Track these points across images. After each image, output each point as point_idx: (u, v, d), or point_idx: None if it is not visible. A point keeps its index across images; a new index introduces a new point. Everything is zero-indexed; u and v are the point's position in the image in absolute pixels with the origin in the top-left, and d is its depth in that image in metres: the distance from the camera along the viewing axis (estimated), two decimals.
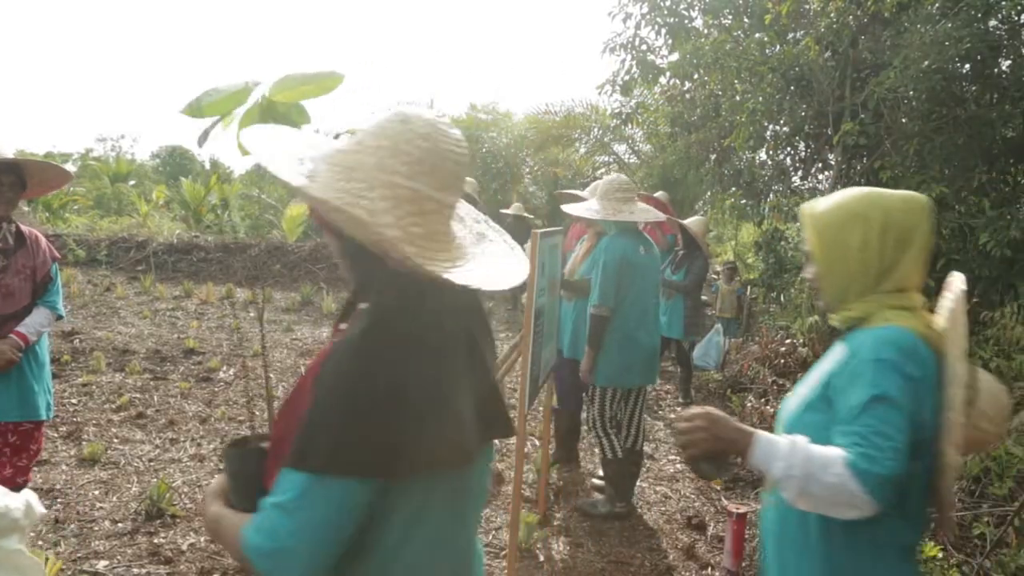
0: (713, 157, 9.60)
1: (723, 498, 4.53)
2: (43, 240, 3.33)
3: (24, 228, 3.27)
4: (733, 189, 9.25)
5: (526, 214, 10.45)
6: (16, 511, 1.90)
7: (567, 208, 4.18)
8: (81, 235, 13.62)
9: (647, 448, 5.21)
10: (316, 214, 1.23)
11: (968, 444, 1.52)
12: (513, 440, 5.18)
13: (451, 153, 1.22)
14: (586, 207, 4.07)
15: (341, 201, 1.13)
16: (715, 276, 9.71)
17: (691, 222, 6.66)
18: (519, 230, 10.02)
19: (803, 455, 1.38)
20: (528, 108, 15.71)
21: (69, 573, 3.21)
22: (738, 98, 7.51)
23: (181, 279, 11.50)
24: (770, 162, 8.54)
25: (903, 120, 6.22)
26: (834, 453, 1.37)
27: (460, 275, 1.15)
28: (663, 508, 4.35)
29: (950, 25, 5.59)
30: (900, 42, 6.06)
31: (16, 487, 3.24)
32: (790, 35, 7.35)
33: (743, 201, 9.34)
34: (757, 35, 7.50)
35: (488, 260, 1.27)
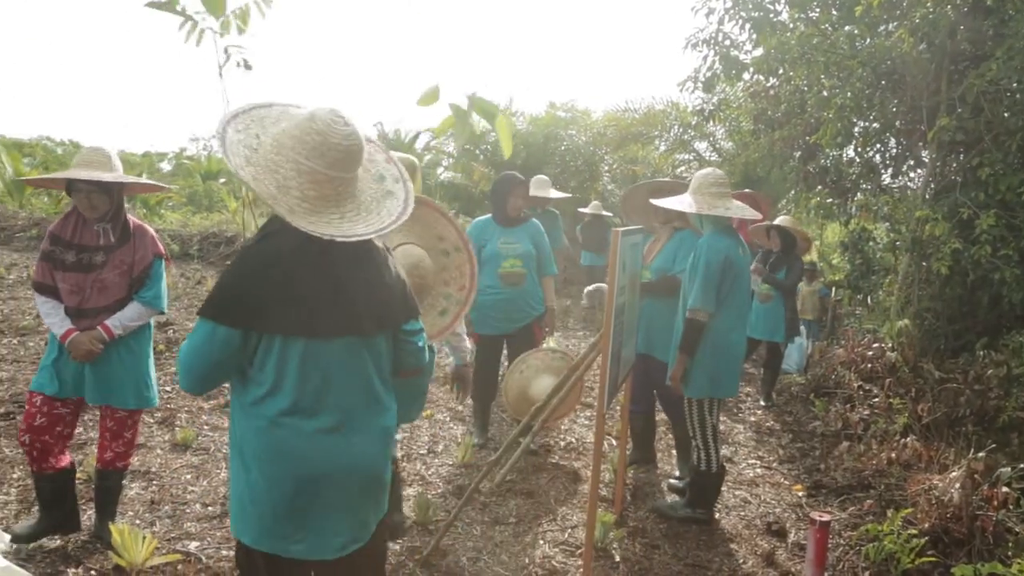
0: (798, 155, 9.31)
1: (805, 504, 4.41)
2: (150, 235, 3.41)
3: (134, 222, 3.38)
4: (819, 187, 8.96)
5: (604, 212, 10.37)
6: None
7: (657, 201, 4.06)
8: (175, 231, 14.23)
9: (726, 451, 5.12)
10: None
11: None
12: (590, 438, 5.18)
13: (337, 143, 1.76)
14: (678, 201, 3.89)
15: (252, 177, 1.74)
16: None
17: (784, 221, 6.51)
18: (597, 229, 9.96)
19: None
20: (607, 105, 15.60)
21: (164, 552, 3.36)
22: (825, 94, 7.27)
23: None
24: (858, 159, 8.24)
25: (1005, 114, 5.91)
26: None
27: (319, 227, 1.72)
28: (742, 513, 4.26)
29: None
30: (1004, 31, 5.76)
31: (117, 471, 3.43)
32: (882, 27, 7.07)
33: (829, 200, 9.03)
34: (846, 28, 7.24)
35: (368, 217, 1.82)
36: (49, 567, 3.21)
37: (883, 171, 8.01)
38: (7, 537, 2.34)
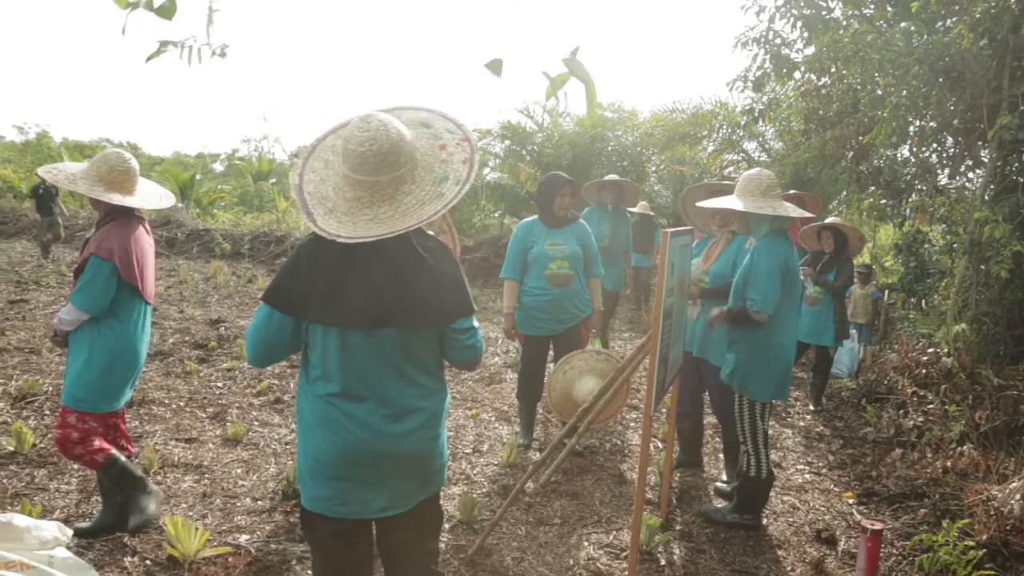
0: (850, 155, 9.12)
1: (856, 512, 4.32)
2: (105, 232, 3.37)
3: (110, 226, 3.39)
4: (872, 188, 8.77)
5: (651, 212, 10.30)
6: (53, 531, 2.40)
7: (706, 203, 4.00)
8: (227, 230, 14.54)
9: (774, 456, 5.04)
10: None
11: None
12: (636, 441, 5.15)
13: (355, 147, 1.90)
14: (727, 200, 3.81)
15: (301, 182, 2.01)
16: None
17: (835, 222, 6.38)
18: (645, 229, 9.90)
19: None
20: (654, 106, 15.50)
21: (215, 544, 3.43)
22: (879, 92, 7.10)
23: None
24: (914, 159, 8.04)
25: None
26: None
27: (325, 226, 1.89)
28: (790, 519, 4.19)
29: None
30: None
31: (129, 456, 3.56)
32: (939, 23, 6.88)
33: (882, 201, 8.82)
34: (902, 24, 7.05)
35: (401, 218, 1.89)
36: (107, 555, 3.31)
37: (940, 171, 7.79)
38: (69, 531, 2.42)
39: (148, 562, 3.28)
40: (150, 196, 3.48)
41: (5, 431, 4.63)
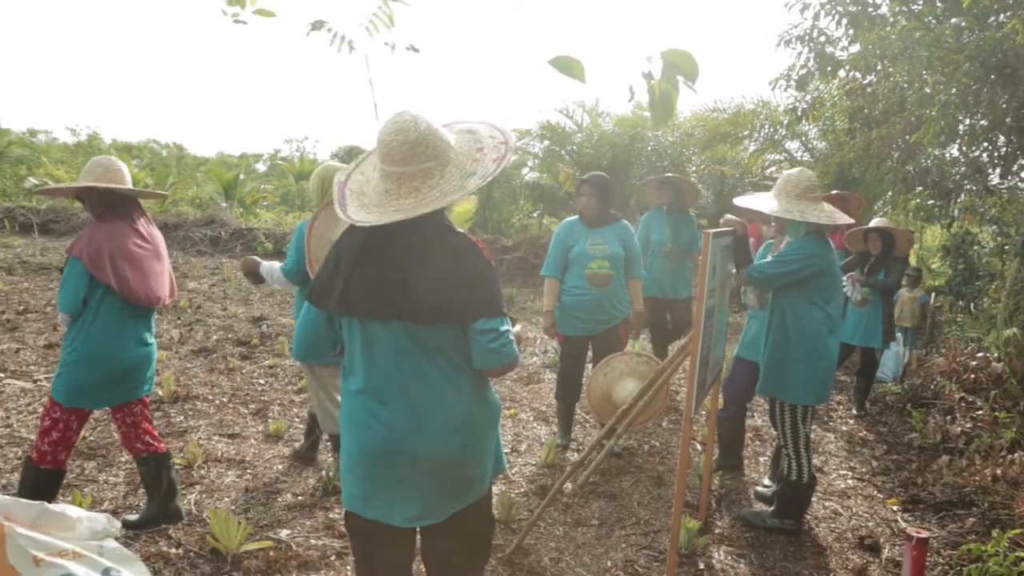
0: (896, 154, 8.93)
1: (900, 520, 4.23)
2: (84, 230, 3.40)
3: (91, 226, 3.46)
4: (919, 189, 8.57)
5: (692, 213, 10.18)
6: (103, 523, 2.47)
7: (739, 201, 3.94)
8: (269, 229, 14.76)
9: (816, 461, 4.96)
10: None
11: None
12: (675, 443, 5.11)
13: (383, 138, 1.98)
14: (760, 201, 3.76)
15: (347, 180, 2.08)
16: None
17: (880, 223, 6.24)
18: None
19: None
20: (695, 105, 15.32)
21: (257, 537, 3.49)
22: (928, 90, 6.94)
23: None
24: (963, 159, 7.84)
25: None
26: None
27: (354, 214, 1.96)
28: (832, 525, 4.12)
29: None
30: None
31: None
32: (992, 19, 6.70)
33: (930, 202, 8.63)
34: (953, 20, 6.88)
35: (423, 209, 1.91)
36: (152, 546, 3.39)
37: (990, 171, 7.58)
38: (118, 523, 2.48)
39: (192, 554, 3.35)
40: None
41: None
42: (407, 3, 2.97)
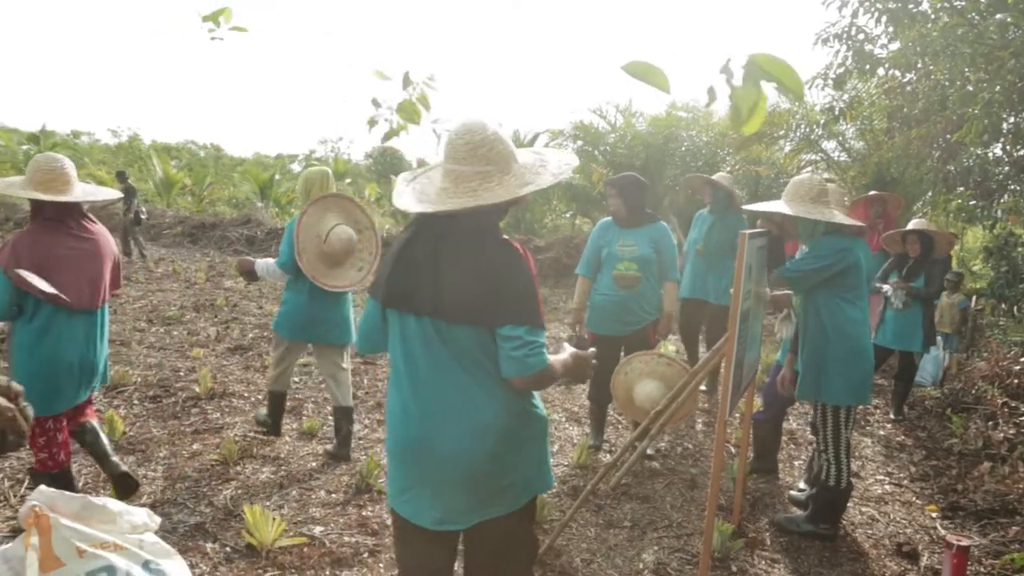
0: (937, 154, 8.77)
1: (940, 527, 4.15)
2: (11, 243, 3.38)
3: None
4: (960, 189, 8.42)
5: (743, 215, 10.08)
6: (143, 517, 2.51)
7: (754, 206, 3.92)
8: None
9: (853, 466, 4.89)
10: None
11: None
12: (708, 445, 5.07)
13: (454, 140, 2.05)
14: (773, 204, 3.73)
15: (414, 179, 2.17)
16: None
17: (919, 224, 6.12)
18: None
19: None
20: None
21: (291, 534, 3.53)
22: (970, 88, 6.80)
23: None
24: (1007, 158, 7.67)
25: None
26: None
27: (405, 205, 2.04)
28: (869, 531, 4.05)
29: None
30: None
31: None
32: None
33: (972, 202, 8.46)
34: (997, 16, 6.73)
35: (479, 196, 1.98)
36: (189, 541, 3.44)
37: None
38: (158, 519, 2.53)
39: (228, 549, 3.40)
40: (82, 193, 3.44)
41: (97, 419, 4.85)
42: (431, 86, 3.02)
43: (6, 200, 16.03)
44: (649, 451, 4.78)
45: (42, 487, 2.31)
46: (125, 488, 3.71)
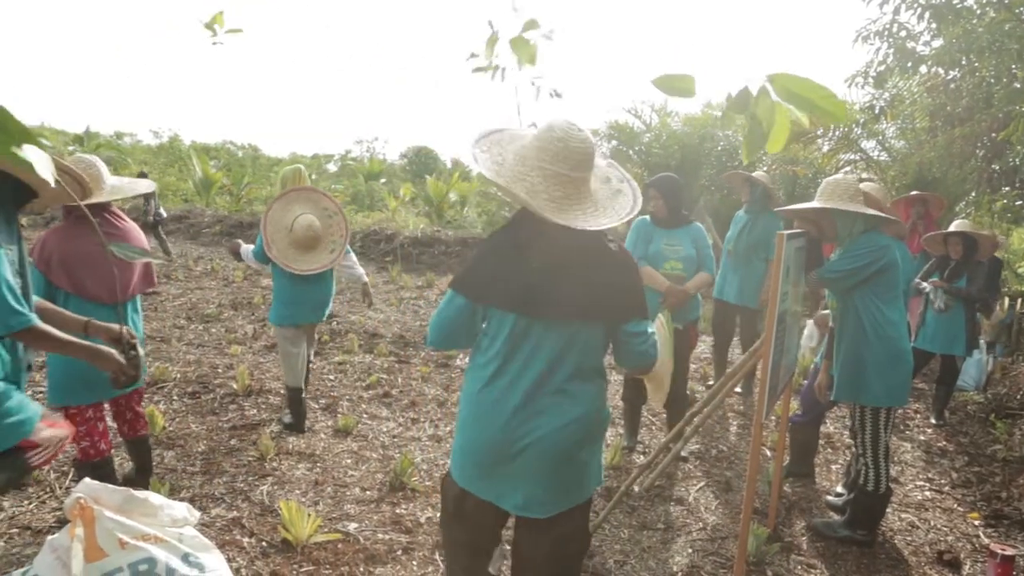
0: (981, 153, 8.58)
1: (983, 535, 4.05)
2: (42, 240, 3.49)
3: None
4: (1005, 189, 8.23)
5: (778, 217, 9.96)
6: (183, 511, 2.55)
7: (787, 208, 3.87)
8: None
9: (892, 471, 4.80)
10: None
11: None
12: (743, 448, 5.01)
13: (577, 147, 2.04)
14: (809, 204, 3.68)
15: (506, 182, 2.03)
16: None
17: (961, 226, 5.97)
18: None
19: None
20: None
21: (326, 530, 3.57)
22: (1017, 85, 6.65)
23: (424, 270, 12.35)
24: None
25: None
26: None
27: (571, 221, 1.98)
28: (908, 538, 3.98)
29: None
30: None
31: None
32: None
33: (1018, 202, 8.26)
34: None
35: (607, 212, 2.07)
36: (226, 534, 3.50)
37: None
38: (197, 513, 2.57)
39: (264, 544, 3.45)
40: (109, 191, 3.52)
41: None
42: (549, 39, 2.93)
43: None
44: (683, 453, 4.75)
45: (87, 480, 2.36)
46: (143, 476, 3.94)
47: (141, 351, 2.72)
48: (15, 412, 2.33)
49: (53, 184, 1.25)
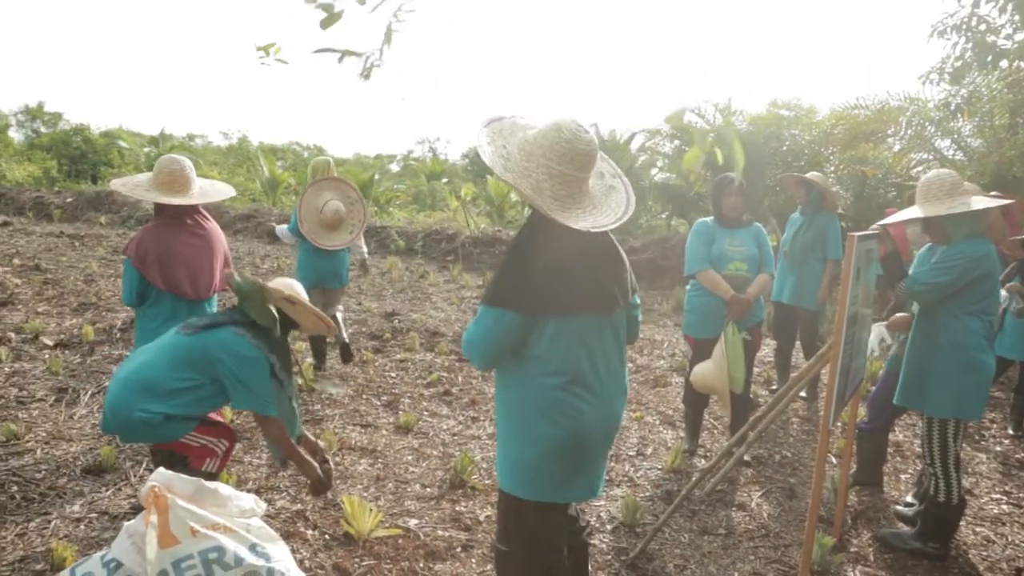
0: None
1: None
2: (138, 237, 3.70)
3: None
4: None
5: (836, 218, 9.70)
6: (251, 503, 2.66)
7: (888, 220, 3.74)
8: (401, 227, 15.23)
9: (965, 483, 4.62)
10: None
11: None
12: (807, 454, 4.89)
13: (584, 148, 2.07)
14: (908, 212, 3.53)
15: (514, 178, 2.06)
16: None
17: None
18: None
19: None
20: (835, 103, 14.60)
21: (387, 525, 3.62)
22: None
23: (484, 270, 12.40)
24: None
25: None
26: None
27: (573, 221, 2.03)
28: (983, 553, 3.82)
29: None
30: None
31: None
32: None
33: None
34: None
35: (603, 209, 2.13)
36: (291, 526, 3.58)
37: None
38: (264, 504, 2.65)
39: (327, 536, 3.52)
40: (199, 194, 3.75)
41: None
42: (410, 13, 3.16)
43: (128, 199, 17.06)
44: (746, 457, 4.66)
45: (161, 469, 2.45)
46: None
47: (331, 464, 3.39)
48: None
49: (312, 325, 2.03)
